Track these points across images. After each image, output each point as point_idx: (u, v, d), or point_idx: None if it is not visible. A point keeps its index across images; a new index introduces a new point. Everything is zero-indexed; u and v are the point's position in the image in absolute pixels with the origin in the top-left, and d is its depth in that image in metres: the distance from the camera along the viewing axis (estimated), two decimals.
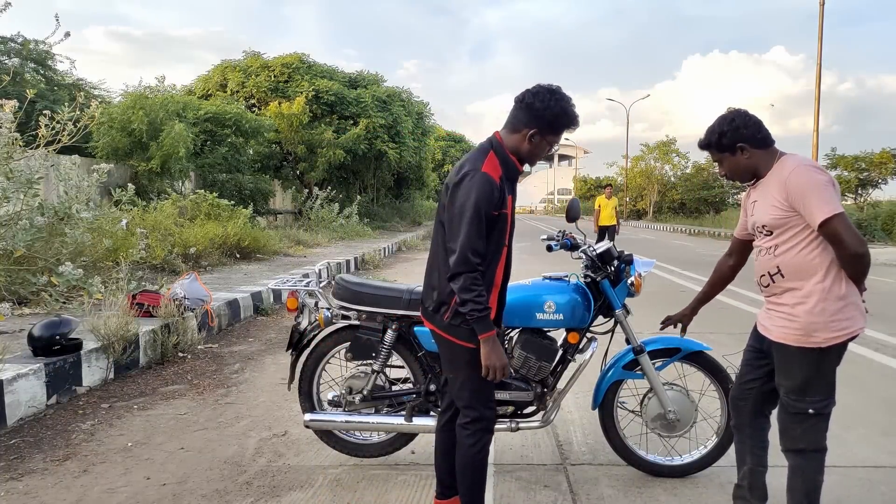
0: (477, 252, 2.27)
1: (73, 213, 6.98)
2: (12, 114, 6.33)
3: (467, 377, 2.45)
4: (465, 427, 2.50)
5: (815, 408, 2.37)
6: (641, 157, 44.97)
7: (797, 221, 2.33)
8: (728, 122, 2.47)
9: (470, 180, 2.29)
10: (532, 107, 2.35)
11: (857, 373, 5.15)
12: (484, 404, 2.51)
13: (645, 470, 3.21)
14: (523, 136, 2.38)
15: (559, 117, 2.37)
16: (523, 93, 2.40)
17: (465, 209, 2.27)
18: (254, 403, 4.38)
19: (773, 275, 2.42)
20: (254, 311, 7.54)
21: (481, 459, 2.51)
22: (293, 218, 21.27)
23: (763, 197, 2.44)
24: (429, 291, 2.49)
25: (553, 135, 2.41)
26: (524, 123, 2.37)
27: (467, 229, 2.25)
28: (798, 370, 2.37)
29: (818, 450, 2.44)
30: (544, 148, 2.42)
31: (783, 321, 2.40)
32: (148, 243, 8.31)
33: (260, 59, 24.06)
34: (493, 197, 2.29)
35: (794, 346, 2.36)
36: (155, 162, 13.08)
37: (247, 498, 3.00)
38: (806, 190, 2.27)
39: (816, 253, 2.32)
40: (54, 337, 4.35)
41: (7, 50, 14.05)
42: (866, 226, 22.16)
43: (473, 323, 2.29)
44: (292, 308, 3.27)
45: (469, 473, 2.52)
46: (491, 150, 2.39)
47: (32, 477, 3.20)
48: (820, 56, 21.41)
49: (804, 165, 2.35)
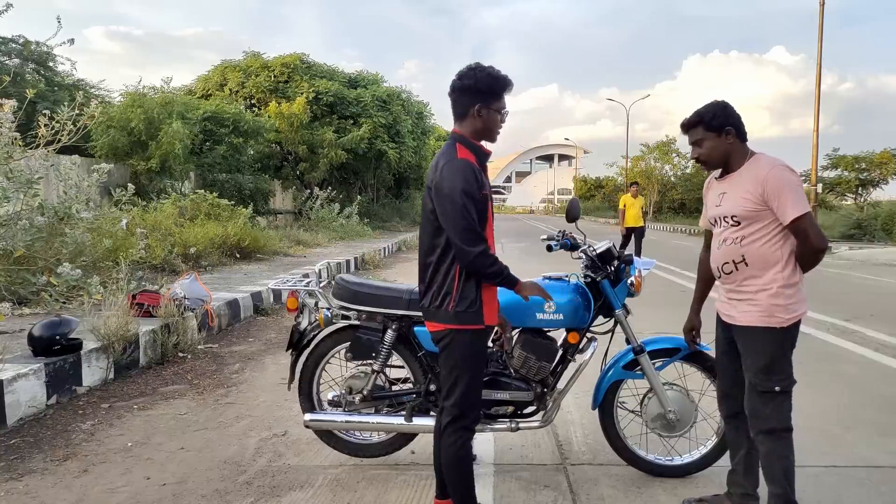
0: (477, 232, 2.40)
1: (73, 213, 6.99)
2: (12, 114, 6.33)
3: (462, 374, 2.49)
4: (447, 426, 2.54)
5: (781, 385, 2.56)
6: (641, 157, 44.99)
7: (766, 215, 2.52)
8: (721, 107, 2.63)
9: (450, 170, 2.41)
10: (465, 88, 2.49)
11: (857, 373, 5.15)
12: (471, 405, 2.54)
13: (645, 470, 3.21)
14: (473, 115, 2.50)
15: (492, 83, 2.49)
16: (452, 83, 2.52)
17: (454, 198, 2.37)
18: (254, 403, 4.38)
19: (738, 263, 2.60)
20: (254, 311, 7.54)
21: (464, 457, 2.54)
22: (293, 218, 21.27)
23: (734, 189, 2.61)
24: (427, 289, 2.53)
25: (496, 101, 2.52)
26: (467, 105, 2.50)
27: (463, 214, 2.37)
28: (764, 349, 2.56)
29: (787, 429, 2.59)
30: (495, 117, 2.53)
31: (747, 306, 2.59)
32: (148, 243, 8.31)
33: (260, 59, 24.08)
34: (476, 179, 2.42)
35: (760, 326, 2.55)
36: (154, 161, 13.08)
37: (247, 498, 3.00)
38: (782, 188, 2.47)
39: (779, 245, 2.54)
40: (54, 337, 4.35)
41: (8, 50, 14.05)
42: (866, 226, 22.17)
43: (506, 283, 2.49)
44: (292, 308, 3.27)
45: (454, 472, 2.55)
46: (457, 142, 2.51)
47: (32, 477, 3.20)
48: (820, 56, 21.42)
49: (781, 166, 2.54)
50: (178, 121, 13.57)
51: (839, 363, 5.41)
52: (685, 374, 3.26)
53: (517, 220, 58.92)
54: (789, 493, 2.57)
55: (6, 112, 6.25)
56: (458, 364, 2.49)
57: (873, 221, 22.29)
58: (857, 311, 7.85)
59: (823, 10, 21.00)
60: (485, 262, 2.40)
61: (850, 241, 20.58)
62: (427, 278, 2.53)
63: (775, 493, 2.58)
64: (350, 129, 22.98)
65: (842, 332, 6.52)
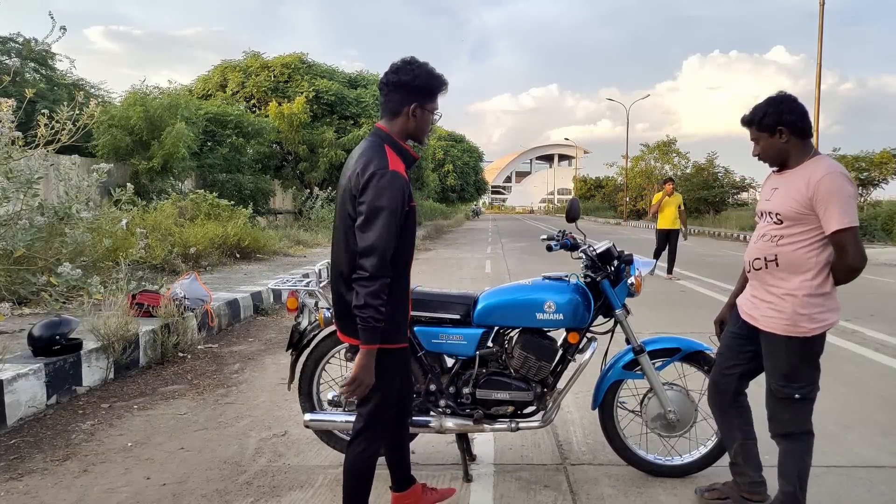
0: (391, 256, 2.20)
1: (73, 212, 6.98)
2: (11, 113, 6.33)
3: (379, 386, 2.29)
4: (357, 434, 2.42)
5: (801, 393, 2.52)
6: (641, 157, 44.98)
7: (810, 220, 2.44)
8: (775, 104, 2.54)
9: (380, 179, 2.19)
10: (401, 84, 2.31)
11: (857, 373, 5.16)
12: (385, 416, 2.44)
13: (645, 470, 3.21)
14: (406, 115, 2.34)
15: (430, 81, 2.35)
16: (385, 76, 2.35)
17: (379, 211, 2.17)
18: (254, 403, 4.38)
19: (769, 261, 2.54)
20: (254, 311, 7.54)
21: (368, 468, 2.43)
22: (293, 218, 21.26)
23: (786, 187, 2.53)
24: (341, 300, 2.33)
25: (431, 101, 2.38)
26: (401, 102, 2.33)
27: (382, 231, 2.17)
28: (785, 358, 2.52)
29: (806, 432, 2.57)
30: (428, 119, 2.39)
31: (771, 312, 2.54)
32: (148, 243, 8.31)
33: (260, 59, 24.06)
34: (406, 193, 2.25)
35: (782, 335, 2.51)
36: (156, 161, 13.07)
37: (247, 498, 3.00)
38: (834, 197, 2.38)
39: (815, 253, 2.46)
40: (54, 337, 4.35)
41: (7, 49, 14.05)
42: (866, 226, 22.16)
43: (366, 331, 2.16)
44: (292, 308, 3.26)
45: (354, 482, 2.42)
46: (384, 143, 2.32)
47: (32, 477, 3.20)
48: (820, 56, 21.42)
49: (839, 173, 2.43)
50: (181, 122, 13.57)
51: (839, 363, 5.41)
52: (685, 374, 3.26)
53: (517, 220, 58.94)
54: (799, 494, 2.57)
55: (5, 111, 6.25)
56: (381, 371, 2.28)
57: (873, 221, 22.27)
58: (857, 311, 7.85)
59: (823, 10, 21.01)
60: (374, 292, 2.14)
61: None
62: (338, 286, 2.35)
63: (785, 491, 2.59)
64: (350, 130, 22.96)
65: (842, 332, 6.52)
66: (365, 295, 2.15)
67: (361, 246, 2.19)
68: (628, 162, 46.01)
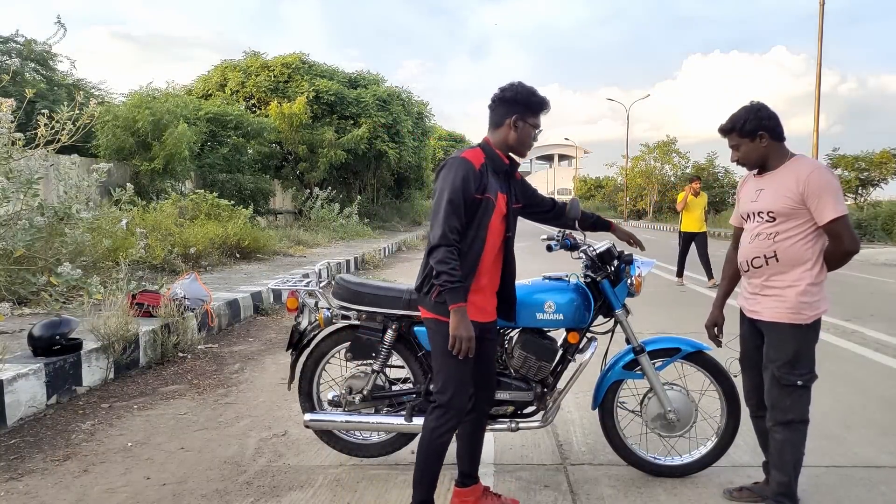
0: (454, 228, 2.47)
1: (73, 212, 6.98)
2: (11, 113, 6.33)
3: (443, 363, 2.56)
4: (431, 410, 2.61)
5: (803, 380, 2.65)
6: (641, 156, 44.97)
7: (801, 214, 2.61)
8: (754, 111, 2.71)
9: (448, 166, 2.54)
10: (505, 99, 2.62)
11: (857, 373, 5.15)
12: (455, 391, 2.57)
13: (645, 470, 3.21)
14: (508, 126, 2.62)
15: (530, 98, 2.62)
16: (493, 96, 2.66)
17: (442, 191, 2.49)
18: (254, 403, 4.38)
19: (769, 258, 2.68)
20: (254, 311, 7.54)
21: (439, 446, 2.59)
22: (293, 218, 21.26)
23: (773, 186, 2.69)
24: (420, 274, 2.64)
25: (532, 116, 2.64)
26: (504, 115, 2.62)
27: (445, 208, 2.46)
28: (790, 345, 2.65)
29: (804, 420, 2.69)
30: (529, 132, 2.65)
31: (774, 302, 2.69)
32: (148, 243, 8.31)
33: (260, 58, 24.06)
34: (470, 178, 2.49)
35: (787, 323, 2.65)
36: (158, 162, 13.07)
37: (247, 498, 3.00)
38: (825, 190, 2.56)
39: (810, 244, 2.64)
40: (54, 337, 4.35)
41: (7, 49, 14.04)
42: (866, 226, 22.16)
43: (445, 293, 2.44)
44: (292, 308, 3.27)
45: (424, 455, 2.60)
46: (478, 146, 2.66)
47: (32, 477, 3.20)
48: (820, 56, 21.41)
49: (824, 168, 2.68)
50: (183, 123, 13.57)
51: (839, 363, 5.41)
52: (685, 374, 3.26)
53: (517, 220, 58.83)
54: (793, 483, 2.67)
55: (5, 112, 6.25)
56: (438, 353, 2.57)
57: (873, 221, 22.28)
58: (857, 311, 7.85)
59: (823, 10, 21.00)
60: (441, 259, 2.44)
61: None
62: (423, 264, 2.62)
63: (780, 481, 2.68)
64: (350, 129, 22.96)
65: (842, 332, 6.51)
66: (435, 263, 2.46)
67: (431, 224, 2.53)
68: (628, 162, 45.99)
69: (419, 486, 2.63)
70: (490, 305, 2.70)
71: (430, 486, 2.64)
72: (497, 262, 2.68)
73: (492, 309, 2.72)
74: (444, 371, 2.57)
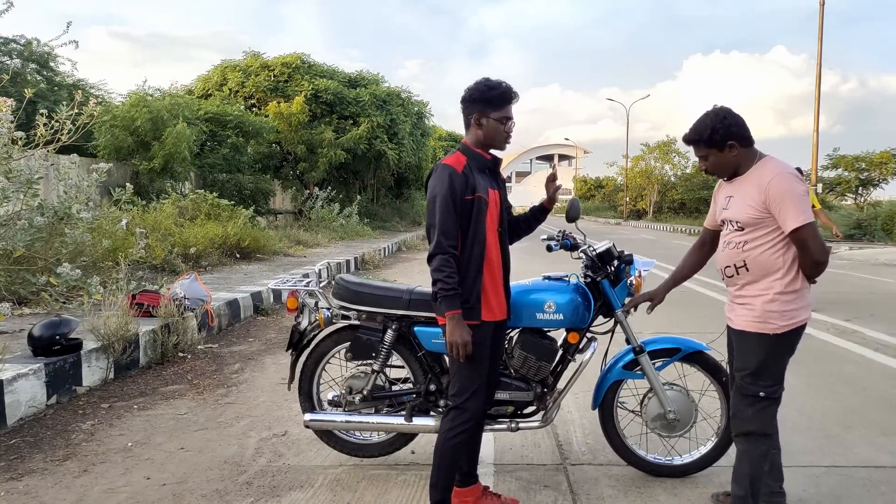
0: (447, 235, 2.51)
1: (73, 213, 6.98)
2: (11, 113, 6.33)
3: (461, 364, 2.58)
4: (447, 412, 2.66)
5: (767, 392, 2.56)
6: (641, 156, 44.97)
7: (769, 222, 2.50)
8: (721, 119, 2.56)
9: (433, 176, 2.61)
10: (465, 99, 2.66)
11: (857, 373, 5.15)
12: (471, 395, 2.60)
13: (645, 470, 3.21)
14: (475, 125, 2.65)
15: (487, 93, 2.61)
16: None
17: (433, 198, 2.55)
18: (254, 403, 4.38)
19: (739, 268, 2.60)
20: (254, 311, 7.54)
21: (454, 447, 2.62)
22: (293, 218, 21.25)
23: (740, 195, 2.59)
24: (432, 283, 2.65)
25: (494, 110, 2.62)
26: (469, 115, 2.66)
27: (437, 215, 2.52)
28: (754, 354, 2.56)
29: (765, 434, 2.59)
30: (495, 126, 2.64)
31: (744, 310, 2.60)
32: (148, 243, 8.30)
33: (260, 58, 24.05)
34: (455, 182, 2.53)
35: (752, 332, 2.56)
36: (157, 161, 13.07)
37: (247, 498, 3.00)
38: (785, 197, 2.44)
39: (781, 253, 2.51)
40: (54, 337, 4.35)
41: (9, 50, 14.04)
42: (866, 226, 22.16)
43: (441, 300, 2.49)
44: (292, 308, 3.26)
45: (439, 458, 2.63)
46: (458, 150, 2.70)
47: (32, 477, 3.20)
48: (820, 56, 21.42)
49: (786, 173, 2.50)
50: (182, 123, 13.57)
51: (839, 363, 5.41)
52: (685, 374, 3.26)
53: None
54: (749, 499, 2.56)
55: (5, 112, 6.24)
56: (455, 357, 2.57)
57: (873, 221, 22.26)
58: (857, 311, 7.85)
59: (823, 10, 21.01)
60: (436, 268, 2.49)
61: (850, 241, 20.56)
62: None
63: (737, 495, 2.60)
64: (349, 129, 22.95)
65: (842, 332, 6.51)
66: (432, 271, 2.52)
67: (426, 233, 2.61)
68: (628, 162, 45.98)
69: (435, 488, 2.65)
70: (501, 303, 2.71)
71: (446, 488, 2.66)
72: (501, 258, 2.71)
73: (503, 306, 2.73)
74: (460, 374, 2.61)
